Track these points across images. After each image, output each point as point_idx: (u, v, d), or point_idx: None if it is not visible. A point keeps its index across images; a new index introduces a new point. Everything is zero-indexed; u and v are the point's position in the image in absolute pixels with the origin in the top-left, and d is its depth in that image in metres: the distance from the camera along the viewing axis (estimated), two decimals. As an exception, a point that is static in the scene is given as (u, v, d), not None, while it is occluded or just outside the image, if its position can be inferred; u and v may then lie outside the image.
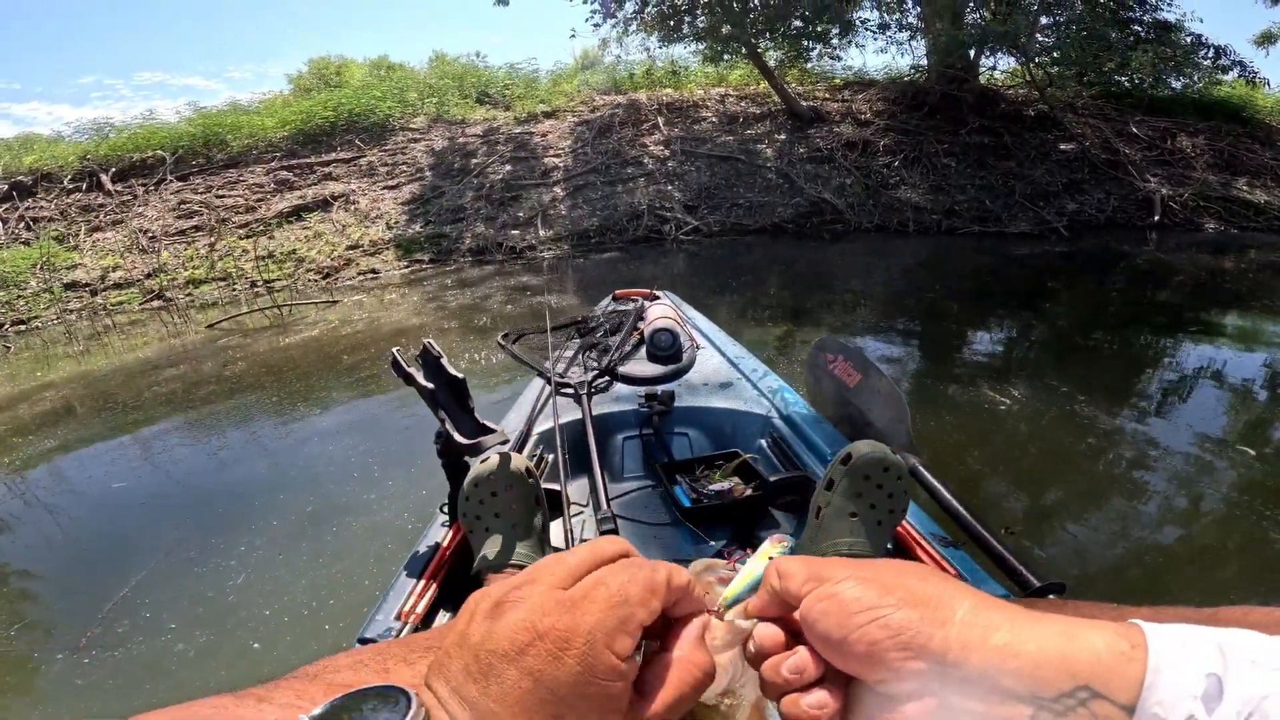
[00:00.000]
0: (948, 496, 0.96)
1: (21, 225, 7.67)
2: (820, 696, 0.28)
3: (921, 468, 1.01)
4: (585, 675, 0.27)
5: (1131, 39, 7.53)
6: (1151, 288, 4.85)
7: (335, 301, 5.67)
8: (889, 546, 0.87)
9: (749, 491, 1.07)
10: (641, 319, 1.63)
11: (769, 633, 0.31)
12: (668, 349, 1.46)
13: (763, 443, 1.18)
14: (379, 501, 2.16)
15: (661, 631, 0.32)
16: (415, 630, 0.78)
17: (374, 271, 6.82)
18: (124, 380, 3.99)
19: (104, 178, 8.23)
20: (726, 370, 1.42)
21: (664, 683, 0.30)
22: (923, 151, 7.95)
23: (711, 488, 1.09)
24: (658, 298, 1.80)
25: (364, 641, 0.73)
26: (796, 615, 0.30)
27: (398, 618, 0.78)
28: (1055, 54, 7.60)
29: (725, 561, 0.41)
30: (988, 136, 8.21)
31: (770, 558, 0.35)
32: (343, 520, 2.06)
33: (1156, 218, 6.95)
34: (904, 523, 0.89)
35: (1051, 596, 0.77)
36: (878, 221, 7.16)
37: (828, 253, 6.48)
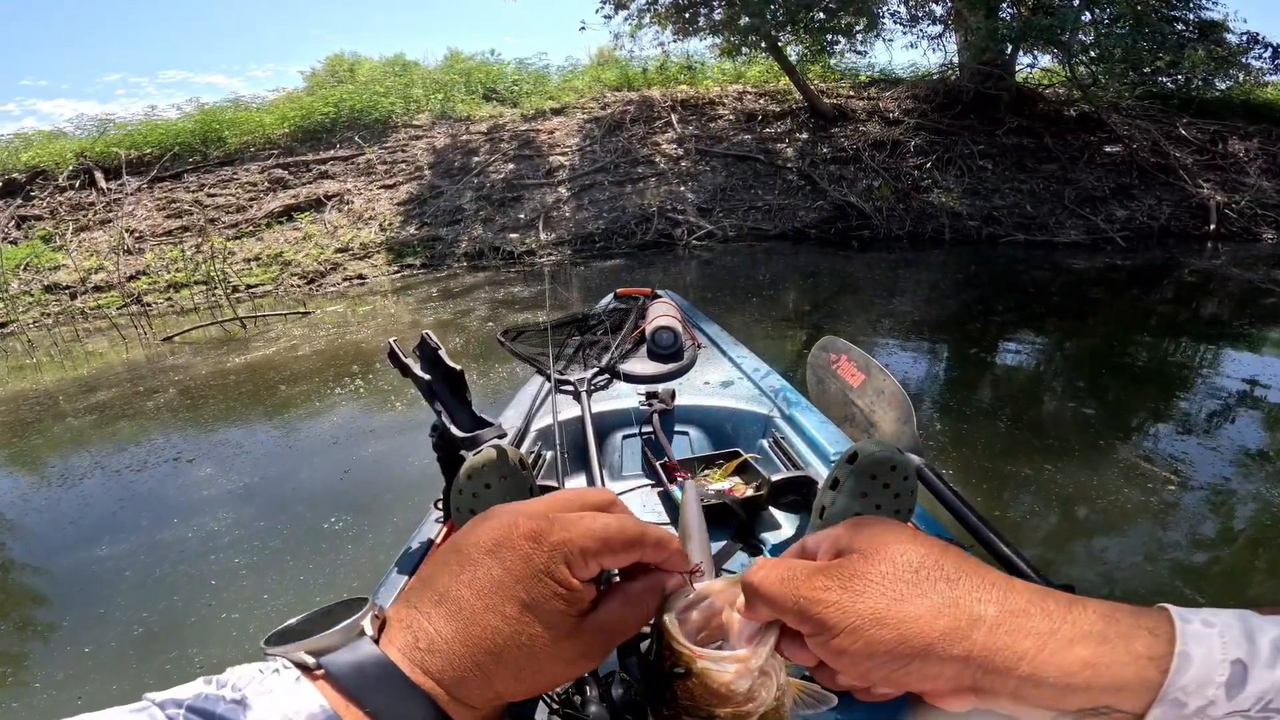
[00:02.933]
0: (954, 498, 1.00)
1: (12, 224, 7.95)
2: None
3: (927, 468, 1.06)
4: (544, 579, 0.32)
5: (1176, 38, 7.58)
6: (1240, 309, 4.64)
7: (307, 313, 5.68)
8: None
9: (750, 491, 1.12)
10: (642, 317, 1.71)
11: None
12: (669, 347, 1.53)
13: (764, 442, 1.24)
14: (240, 627, 1.68)
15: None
16: None
17: (361, 277, 6.92)
18: (45, 406, 4.00)
19: (98, 175, 8.52)
20: (728, 369, 1.48)
21: (607, 610, 0.34)
22: (956, 152, 7.99)
23: (711, 487, 1.14)
24: (659, 296, 1.88)
25: None
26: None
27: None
28: (1097, 51, 7.65)
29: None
30: (1027, 138, 8.24)
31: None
32: (184, 653, 1.61)
33: (1212, 226, 6.93)
34: (909, 524, 0.94)
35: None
36: (910, 229, 7.18)
37: (855, 263, 6.48)
